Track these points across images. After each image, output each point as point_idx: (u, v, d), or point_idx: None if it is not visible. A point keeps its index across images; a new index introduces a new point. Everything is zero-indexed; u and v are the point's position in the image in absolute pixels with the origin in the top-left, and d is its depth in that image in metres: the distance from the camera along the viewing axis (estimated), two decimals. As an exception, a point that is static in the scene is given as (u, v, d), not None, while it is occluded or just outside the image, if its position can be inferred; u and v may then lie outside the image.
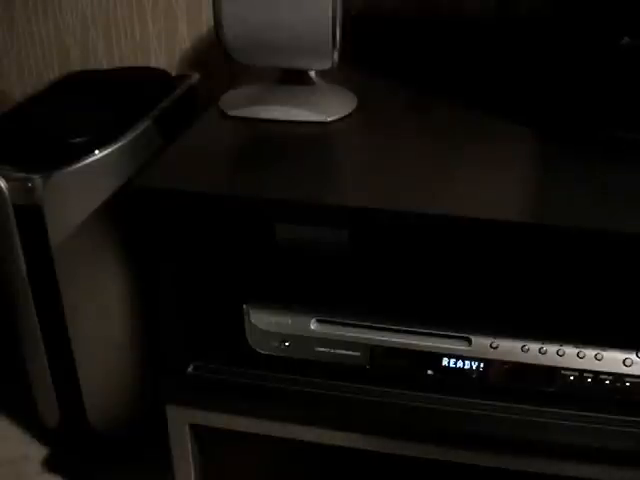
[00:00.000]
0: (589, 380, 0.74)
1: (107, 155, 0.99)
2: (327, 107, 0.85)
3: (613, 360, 0.73)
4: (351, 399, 0.79)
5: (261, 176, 0.75)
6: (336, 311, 0.78)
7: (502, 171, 0.76)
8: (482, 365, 0.76)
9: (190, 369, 0.84)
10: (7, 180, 0.97)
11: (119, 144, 1.00)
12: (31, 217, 0.99)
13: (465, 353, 0.76)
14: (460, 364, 0.76)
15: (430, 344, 0.76)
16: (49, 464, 1.22)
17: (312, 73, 0.86)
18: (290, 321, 0.79)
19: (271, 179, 0.74)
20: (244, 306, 0.80)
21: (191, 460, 0.89)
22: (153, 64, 1.27)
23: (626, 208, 0.68)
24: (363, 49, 1.03)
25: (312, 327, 0.78)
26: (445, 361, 0.76)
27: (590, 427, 0.74)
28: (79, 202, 0.99)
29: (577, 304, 0.77)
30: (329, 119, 0.84)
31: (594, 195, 0.70)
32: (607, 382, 0.73)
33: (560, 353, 0.74)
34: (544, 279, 0.78)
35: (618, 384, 0.73)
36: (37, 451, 1.24)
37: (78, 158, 0.97)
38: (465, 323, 0.76)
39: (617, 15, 0.73)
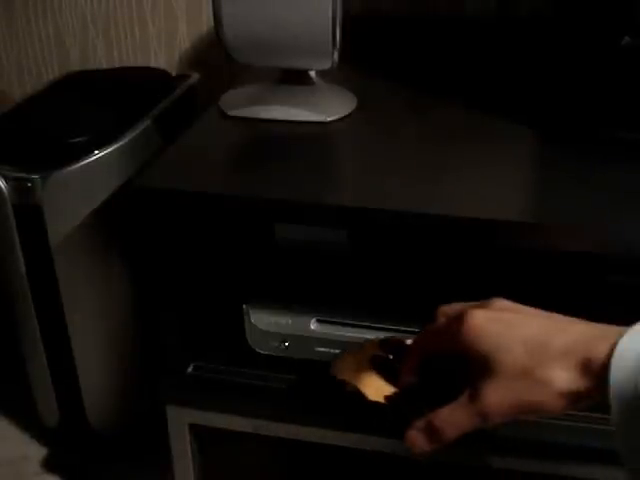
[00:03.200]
0: (589, 380, 0.73)
1: (107, 155, 0.99)
2: (327, 107, 0.85)
3: (613, 360, 0.73)
4: (351, 399, 0.79)
5: (261, 176, 0.75)
6: (336, 311, 0.78)
7: (502, 171, 0.76)
8: (482, 365, 0.75)
9: (190, 369, 0.84)
10: (7, 180, 0.97)
11: (119, 144, 1.00)
12: (31, 217, 0.99)
13: (465, 353, 0.75)
14: (460, 364, 0.76)
15: (430, 344, 0.76)
16: (49, 464, 1.22)
17: (312, 73, 0.86)
18: (290, 321, 0.79)
19: (271, 179, 0.74)
20: (244, 306, 0.80)
21: (191, 460, 0.89)
22: (153, 64, 1.27)
23: (627, 208, 0.68)
24: (363, 49, 1.03)
25: (312, 327, 0.78)
26: (445, 361, 0.76)
27: (590, 427, 0.74)
28: (79, 202, 0.99)
29: (577, 304, 0.77)
30: (329, 119, 0.84)
31: (595, 195, 0.70)
32: (607, 382, 0.73)
33: (560, 353, 0.73)
34: (544, 279, 0.78)
35: (618, 384, 0.73)
36: (36, 451, 1.24)
37: (78, 158, 0.97)
38: (465, 323, 0.76)
39: (618, 15, 0.73)
